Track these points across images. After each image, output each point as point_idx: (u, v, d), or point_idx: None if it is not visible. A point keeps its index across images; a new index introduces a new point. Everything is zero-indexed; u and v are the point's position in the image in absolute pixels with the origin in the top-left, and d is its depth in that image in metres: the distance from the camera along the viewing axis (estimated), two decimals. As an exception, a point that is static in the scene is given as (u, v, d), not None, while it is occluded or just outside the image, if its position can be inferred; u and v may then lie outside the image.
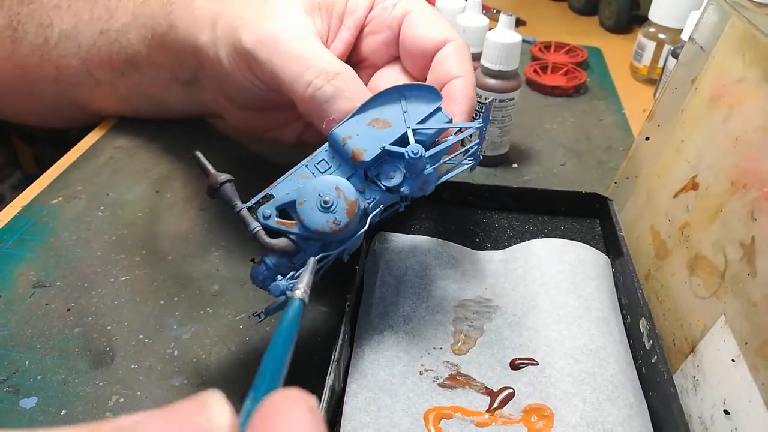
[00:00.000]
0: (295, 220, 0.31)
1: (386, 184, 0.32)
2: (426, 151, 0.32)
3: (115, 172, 0.53)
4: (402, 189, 0.32)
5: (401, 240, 0.43)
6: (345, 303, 0.35)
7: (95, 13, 0.50)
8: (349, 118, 0.33)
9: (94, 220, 0.47)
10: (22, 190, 0.50)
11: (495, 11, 0.86)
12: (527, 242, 0.43)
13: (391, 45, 0.42)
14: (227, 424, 0.14)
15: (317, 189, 0.31)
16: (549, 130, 0.63)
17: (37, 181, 0.51)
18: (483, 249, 0.44)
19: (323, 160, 0.33)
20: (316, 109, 0.36)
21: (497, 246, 0.44)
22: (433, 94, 0.34)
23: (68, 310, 0.40)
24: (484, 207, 0.47)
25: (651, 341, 0.34)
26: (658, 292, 0.39)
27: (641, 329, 0.36)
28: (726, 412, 0.31)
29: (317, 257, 0.31)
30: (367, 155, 0.32)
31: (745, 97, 0.36)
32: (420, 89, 0.33)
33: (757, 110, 0.34)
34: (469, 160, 0.37)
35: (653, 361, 0.34)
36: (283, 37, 0.37)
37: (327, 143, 0.33)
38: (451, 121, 0.34)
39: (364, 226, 0.32)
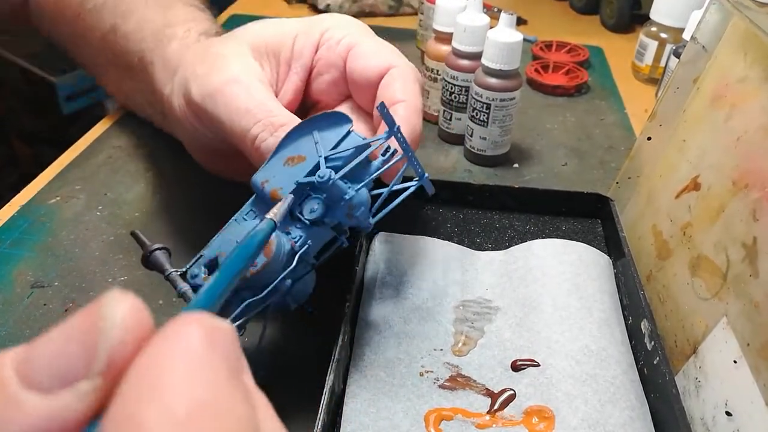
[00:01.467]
0: None
1: (309, 218, 0.32)
2: (344, 171, 0.31)
3: (113, 171, 0.52)
4: (326, 219, 0.32)
5: (401, 240, 0.42)
6: (345, 303, 0.35)
7: (118, 3, 0.50)
8: (267, 162, 0.33)
9: (93, 219, 0.47)
10: (21, 190, 0.50)
11: (496, 10, 0.85)
12: (528, 243, 0.42)
13: (340, 83, 0.42)
14: (123, 318, 0.13)
15: (235, 236, 0.31)
16: (550, 129, 0.63)
17: (35, 180, 0.51)
18: (484, 249, 0.43)
19: (250, 210, 0.33)
20: (260, 159, 0.36)
21: (498, 246, 0.44)
22: (341, 118, 0.33)
23: (66, 310, 0.39)
24: (485, 207, 0.47)
25: (653, 342, 0.34)
26: (660, 292, 0.39)
27: (643, 330, 0.35)
28: (728, 413, 0.30)
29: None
30: (284, 192, 0.32)
31: (747, 97, 0.36)
32: (329, 117, 0.33)
33: (759, 110, 0.34)
34: (414, 181, 0.34)
35: (655, 362, 0.33)
36: (231, 92, 0.37)
37: (254, 194, 0.33)
38: (364, 140, 0.33)
39: (291, 264, 0.31)
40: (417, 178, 0.34)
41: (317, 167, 0.32)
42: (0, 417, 0.11)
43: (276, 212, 0.27)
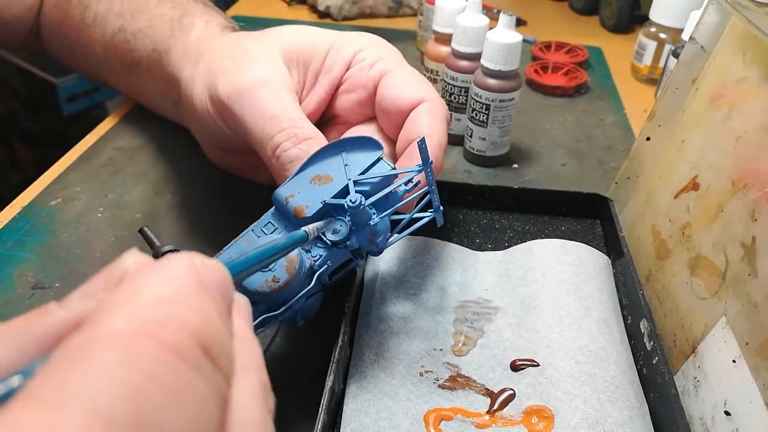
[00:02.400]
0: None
1: (332, 239, 0.31)
2: (374, 198, 0.31)
3: (114, 173, 0.52)
4: (348, 242, 0.32)
5: (401, 241, 0.42)
6: (345, 304, 0.35)
7: (123, 8, 0.51)
8: (292, 177, 0.33)
9: (94, 221, 0.47)
10: (21, 191, 0.50)
11: (495, 11, 0.85)
12: (528, 243, 0.42)
13: (365, 104, 0.42)
14: (135, 257, 0.15)
15: (251, 248, 0.31)
16: (549, 130, 0.63)
17: (36, 182, 0.51)
18: (483, 249, 0.43)
19: (269, 222, 0.33)
20: (278, 168, 0.36)
21: (498, 246, 0.44)
22: (373, 144, 0.33)
23: (67, 311, 0.39)
24: (485, 207, 0.47)
25: (652, 342, 0.34)
26: (659, 292, 0.39)
27: (642, 330, 0.36)
28: (727, 413, 0.30)
29: (271, 314, 0.30)
30: (309, 211, 0.32)
31: (746, 97, 0.36)
32: (360, 141, 0.33)
33: (758, 110, 0.34)
34: (429, 212, 0.35)
35: (654, 362, 0.33)
36: (258, 95, 0.37)
37: (273, 206, 0.33)
38: (394, 169, 0.33)
39: (309, 284, 0.31)
40: (432, 210, 0.34)
41: (345, 190, 0.32)
42: (36, 321, 0.15)
43: (312, 229, 0.28)
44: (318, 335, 0.38)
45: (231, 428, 0.14)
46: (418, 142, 0.32)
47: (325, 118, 0.44)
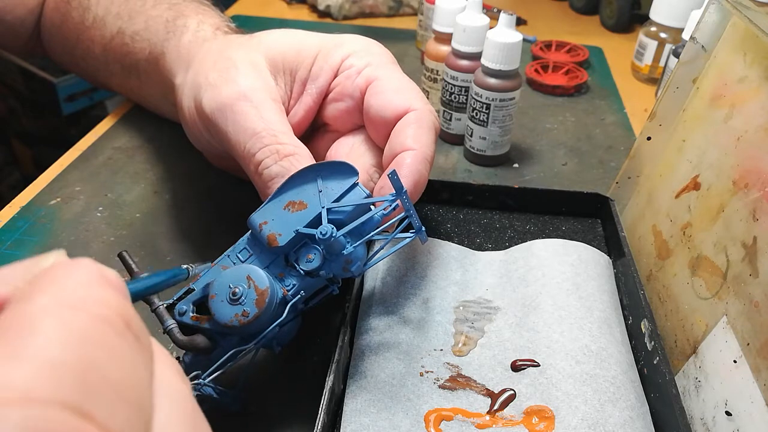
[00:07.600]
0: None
1: (305, 268, 0.31)
2: (346, 229, 0.31)
3: (113, 172, 0.52)
4: (321, 272, 0.31)
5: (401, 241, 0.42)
6: (345, 304, 0.35)
7: (121, 9, 0.51)
8: (267, 202, 0.32)
9: (93, 220, 0.47)
10: (21, 191, 0.50)
11: (495, 10, 0.85)
12: (528, 243, 0.42)
13: (353, 113, 0.41)
14: (56, 257, 0.16)
15: (229, 280, 0.30)
16: (550, 129, 0.63)
17: (35, 181, 0.51)
18: (483, 249, 0.43)
19: (245, 248, 0.33)
20: (261, 184, 0.36)
21: (498, 246, 0.44)
22: (348, 170, 0.32)
23: (67, 311, 0.39)
24: (485, 207, 0.47)
25: (653, 342, 0.34)
26: (660, 292, 0.39)
27: (643, 330, 0.35)
28: (728, 413, 0.30)
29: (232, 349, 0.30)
30: (282, 240, 0.31)
31: (747, 97, 0.36)
32: (335, 166, 0.32)
33: (759, 110, 0.34)
34: (411, 233, 0.34)
35: (655, 362, 0.33)
36: (241, 110, 0.36)
37: (249, 231, 0.33)
38: (369, 196, 0.32)
39: (281, 315, 0.30)
40: (413, 231, 0.33)
41: (318, 218, 0.31)
42: None
43: (190, 266, 0.31)
44: (318, 335, 0.38)
45: (158, 392, 0.15)
46: (388, 175, 0.31)
47: (315, 125, 0.43)
